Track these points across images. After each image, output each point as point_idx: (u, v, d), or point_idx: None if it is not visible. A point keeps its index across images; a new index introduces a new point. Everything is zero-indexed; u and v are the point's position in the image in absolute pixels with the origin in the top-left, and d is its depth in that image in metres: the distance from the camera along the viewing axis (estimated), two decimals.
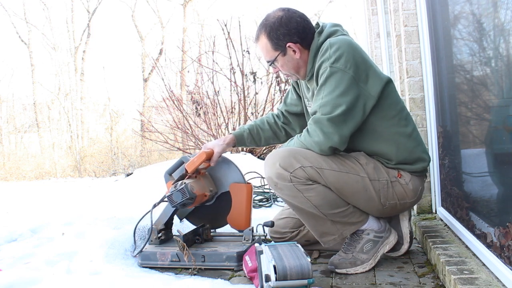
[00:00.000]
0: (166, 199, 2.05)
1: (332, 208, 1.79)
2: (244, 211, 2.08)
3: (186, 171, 2.04)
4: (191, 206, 2.06)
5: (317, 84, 1.81)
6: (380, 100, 1.79)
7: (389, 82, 1.82)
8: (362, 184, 1.78)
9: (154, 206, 2.07)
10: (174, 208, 2.05)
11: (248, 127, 2.21)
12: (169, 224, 2.16)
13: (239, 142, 2.19)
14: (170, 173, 2.13)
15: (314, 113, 1.76)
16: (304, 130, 1.81)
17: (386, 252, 1.92)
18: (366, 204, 1.82)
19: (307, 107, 2.04)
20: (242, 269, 1.87)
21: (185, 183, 1.96)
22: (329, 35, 1.85)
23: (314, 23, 1.92)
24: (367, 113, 1.77)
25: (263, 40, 1.88)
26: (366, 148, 1.85)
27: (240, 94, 5.05)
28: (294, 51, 1.86)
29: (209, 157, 2.07)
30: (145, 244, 2.02)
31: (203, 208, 2.18)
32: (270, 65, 1.95)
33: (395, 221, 1.96)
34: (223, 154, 2.17)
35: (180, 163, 2.12)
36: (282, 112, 2.21)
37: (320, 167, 1.75)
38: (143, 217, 2.14)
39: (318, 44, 1.84)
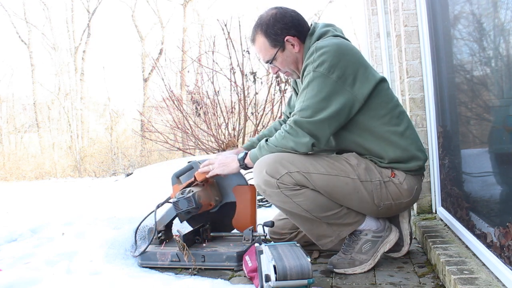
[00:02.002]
0: (170, 201, 2.06)
1: (324, 211, 1.78)
2: (249, 213, 2.09)
3: (195, 178, 2.04)
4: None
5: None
6: (370, 99, 1.77)
7: (381, 81, 1.80)
8: (352, 186, 1.76)
9: (158, 206, 2.07)
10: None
11: (257, 138, 2.21)
12: (169, 225, 2.16)
13: None
14: (178, 176, 2.13)
15: (294, 115, 1.75)
16: (283, 131, 1.78)
17: (386, 253, 1.92)
18: (360, 205, 1.80)
19: None
20: (242, 269, 1.87)
21: (192, 191, 1.97)
22: (319, 37, 1.84)
23: (313, 24, 1.92)
24: (352, 115, 1.77)
25: (260, 39, 1.88)
26: (358, 147, 1.83)
27: (240, 94, 5.05)
28: (292, 45, 1.86)
29: None
30: (148, 245, 2.02)
31: (205, 213, 2.19)
32: (270, 63, 1.93)
33: (394, 223, 1.96)
34: None
35: (190, 168, 2.11)
36: (287, 115, 2.22)
37: (307, 171, 1.74)
38: (146, 217, 2.14)
39: (310, 46, 1.84)
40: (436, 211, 2.36)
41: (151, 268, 1.97)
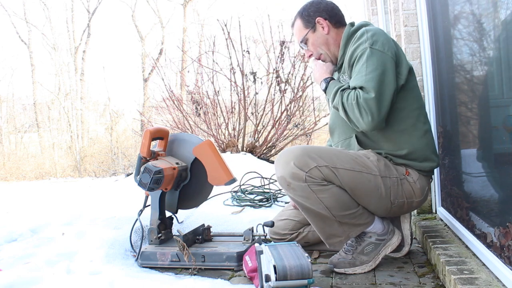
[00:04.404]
0: (148, 205, 2.10)
1: (343, 210, 1.78)
2: (218, 165, 2.06)
3: (143, 157, 2.05)
4: (166, 186, 2.05)
5: (350, 68, 1.84)
6: (406, 91, 1.83)
7: (411, 69, 1.89)
8: (374, 182, 1.78)
9: (140, 213, 2.08)
10: (158, 199, 2.07)
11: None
12: (168, 223, 2.16)
13: None
14: (137, 174, 2.08)
15: (360, 87, 1.72)
16: (354, 98, 1.71)
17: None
18: (377, 202, 1.81)
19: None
20: (242, 269, 1.87)
21: (144, 165, 1.99)
22: (362, 25, 1.95)
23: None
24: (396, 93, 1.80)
25: (297, 22, 2.05)
26: (380, 137, 1.83)
27: (240, 94, 5.04)
28: (322, 27, 1.99)
29: (154, 134, 2.08)
30: (140, 247, 2.03)
31: (186, 190, 2.19)
32: (303, 43, 2.04)
33: (396, 223, 1.96)
34: (173, 133, 2.23)
35: (140, 159, 2.10)
36: None
37: (335, 166, 1.74)
38: (133, 226, 2.14)
39: (350, 32, 1.94)
40: (436, 211, 2.35)
41: (151, 268, 1.97)
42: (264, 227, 2.11)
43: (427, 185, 1.90)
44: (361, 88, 1.72)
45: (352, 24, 1.99)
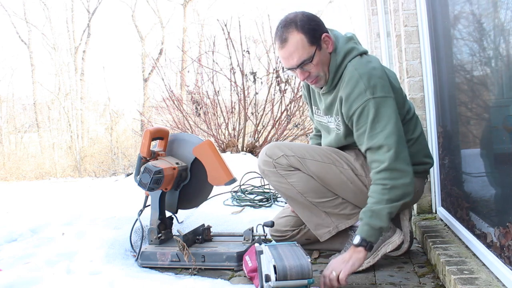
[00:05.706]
0: (148, 205, 2.11)
1: (318, 197, 1.86)
2: (218, 165, 2.07)
3: (143, 157, 2.05)
4: (166, 186, 2.05)
5: (349, 119, 1.74)
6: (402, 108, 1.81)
7: (400, 86, 1.84)
8: (346, 176, 1.83)
9: (140, 213, 2.09)
10: (158, 199, 2.07)
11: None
12: (168, 223, 2.16)
13: None
14: (137, 174, 2.07)
15: (378, 147, 1.65)
16: (380, 185, 1.63)
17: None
18: (355, 196, 1.86)
19: (315, 114, 2.05)
20: (242, 269, 1.88)
21: (144, 165, 1.99)
22: (346, 54, 1.75)
23: (333, 35, 1.82)
24: None
25: (296, 37, 1.66)
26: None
27: (240, 94, 5.05)
28: (327, 45, 1.73)
29: (154, 134, 2.09)
30: (140, 247, 2.03)
31: (186, 190, 2.19)
32: (306, 64, 1.70)
33: (395, 221, 1.96)
34: (173, 133, 2.27)
35: (140, 159, 2.10)
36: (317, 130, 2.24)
37: (303, 157, 1.86)
38: (133, 226, 2.15)
39: (337, 64, 1.75)
40: (436, 211, 2.35)
41: (151, 268, 1.97)
42: (264, 227, 2.11)
43: (417, 187, 1.88)
44: (380, 147, 1.64)
45: (335, 48, 1.75)
